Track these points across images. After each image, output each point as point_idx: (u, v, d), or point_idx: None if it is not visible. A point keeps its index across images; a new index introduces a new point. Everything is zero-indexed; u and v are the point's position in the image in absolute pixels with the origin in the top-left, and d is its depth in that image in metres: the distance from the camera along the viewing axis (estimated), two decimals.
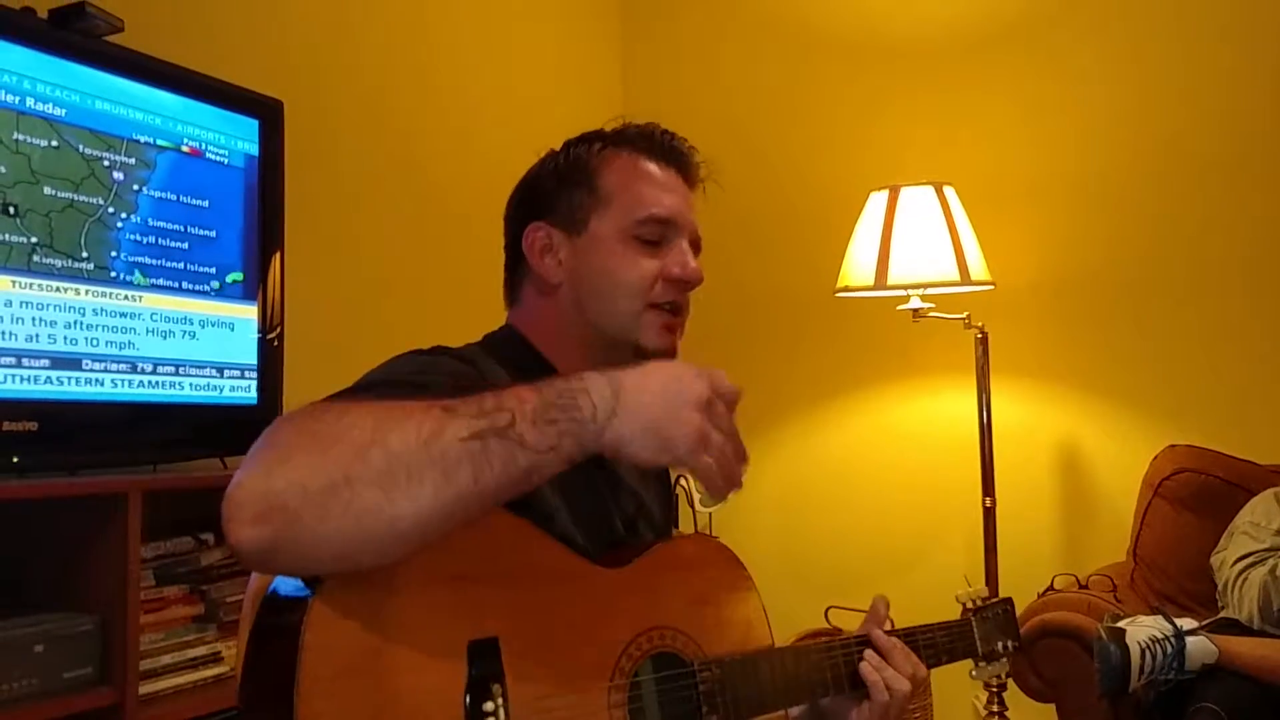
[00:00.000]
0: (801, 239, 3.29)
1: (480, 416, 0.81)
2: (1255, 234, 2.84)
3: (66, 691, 1.65)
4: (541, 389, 0.85)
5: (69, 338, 1.76)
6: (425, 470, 0.78)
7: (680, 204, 1.23)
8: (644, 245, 1.20)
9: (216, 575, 1.96)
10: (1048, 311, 3.05)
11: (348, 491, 0.76)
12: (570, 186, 1.24)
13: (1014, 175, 3.10)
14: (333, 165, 2.60)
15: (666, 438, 0.88)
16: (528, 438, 0.82)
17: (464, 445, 0.79)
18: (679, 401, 0.88)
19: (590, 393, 0.86)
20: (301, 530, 0.76)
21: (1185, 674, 2.03)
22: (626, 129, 1.27)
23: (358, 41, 2.73)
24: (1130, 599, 2.50)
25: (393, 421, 0.79)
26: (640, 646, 1.02)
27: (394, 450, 0.77)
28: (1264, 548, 2.25)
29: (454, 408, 0.81)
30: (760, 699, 1.11)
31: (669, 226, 1.21)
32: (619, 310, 1.19)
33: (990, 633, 1.43)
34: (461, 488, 0.79)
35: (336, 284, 2.59)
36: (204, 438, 2.04)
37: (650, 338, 1.19)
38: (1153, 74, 2.97)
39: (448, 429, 0.79)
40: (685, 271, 1.20)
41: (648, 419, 0.87)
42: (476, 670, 0.86)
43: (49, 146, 1.75)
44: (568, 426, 0.84)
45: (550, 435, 0.83)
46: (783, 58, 3.45)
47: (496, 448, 0.81)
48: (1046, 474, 3.04)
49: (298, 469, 0.76)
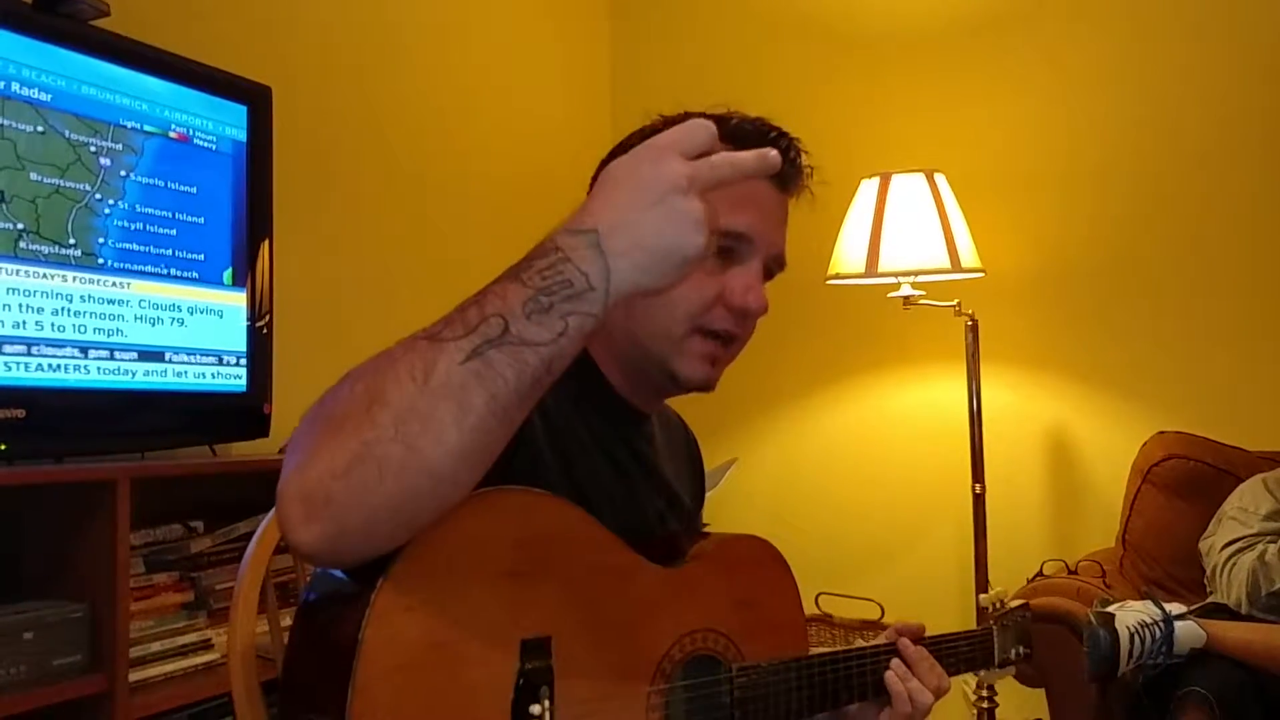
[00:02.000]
0: (792, 226, 3.26)
1: (469, 333, 0.75)
2: (1245, 222, 2.84)
3: (56, 678, 1.65)
4: (522, 275, 0.77)
5: (56, 324, 1.76)
6: (435, 409, 0.73)
7: (764, 220, 1.11)
8: (712, 261, 1.07)
9: (206, 562, 1.96)
10: (1038, 299, 3.05)
11: (372, 460, 0.72)
12: None
13: (1005, 163, 3.10)
14: (321, 152, 2.59)
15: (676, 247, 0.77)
16: (529, 335, 0.75)
17: (464, 369, 0.74)
18: (663, 203, 0.77)
19: (571, 257, 0.77)
20: (350, 514, 0.74)
21: (1174, 658, 2.04)
22: (728, 120, 1.11)
23: (346, 28, 2.72)
24: (1119, 584, 2.51)
25: (383, 373, 0.75)
26: (683, 648, 1.02)
27: (394, 402, 0.73)
28: (1252, 533, 2.26)
29: (437, 334, 0.76)
30: (790, 707, 1.11)
31: (744, 243, 1.09)
32: (662, 330, 1.08)
33: (1007, 641, 1.43)
34: (480, 411, 0.74)
35: (325, 271, 2.58)
36: (193, 425, 2.04)
37: (688, 368, 1.09)
38: (1144, 61, 2.97)
39: (439, 360, 0.74)
40: (745, 299, 1.08)
41: (644, 247, 0.77)
42: (527, 670, 0.86)
43: (35, 132, 1.73)
44: (566, 305, 0.76)
45: (553, 323, 0.76)
46: (773, 46, 3.45)
47: (500, 359, 0.74)
48: (1036, 460, 3.05)
49: (323, 457, 0.73)
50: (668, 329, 1.08)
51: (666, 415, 1.32)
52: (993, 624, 1.41)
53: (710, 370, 1.11)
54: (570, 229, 0.78)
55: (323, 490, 0.73)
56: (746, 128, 1.13)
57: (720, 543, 1.14)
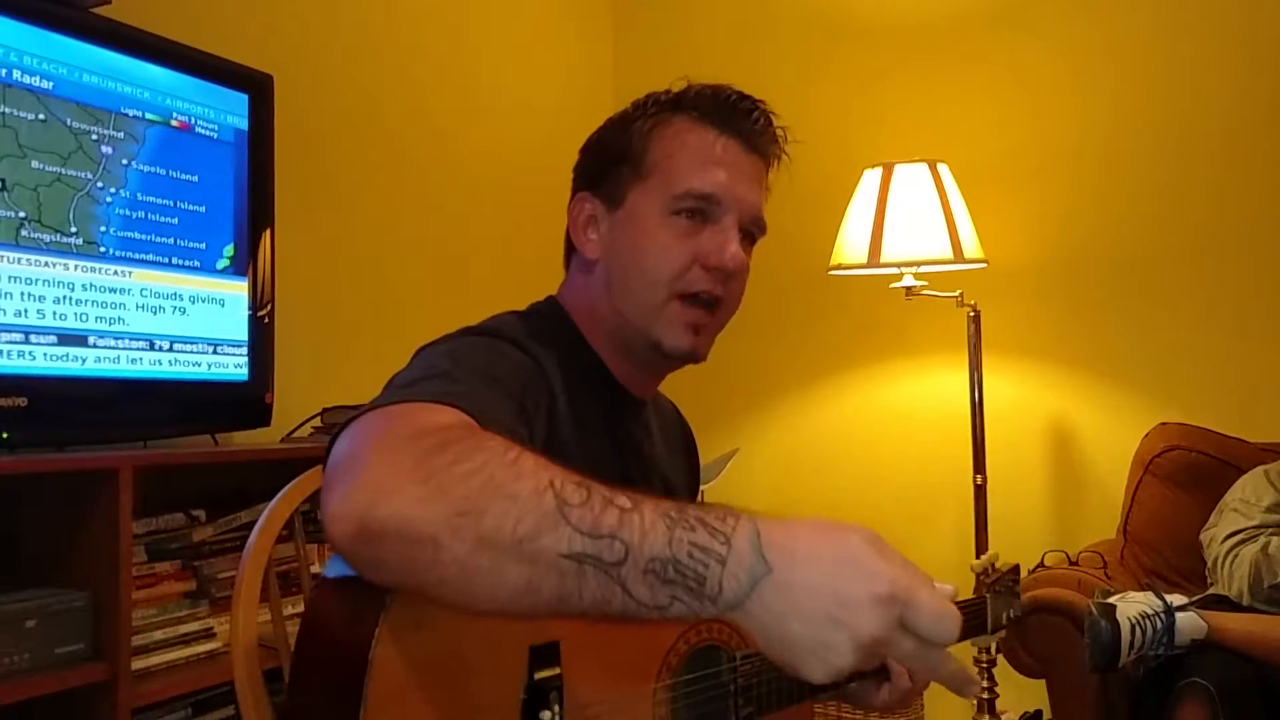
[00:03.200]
0: (794, 216, 3.25)
1: (591, 535, 0.69)
2: (1248, 213, 2.83)
3: (59, 666, 1.65)
4: (675, 530, 0.69)
5: (58, 313, 1.75)
6: (510, 566, 0.69)
7: (732, 179, 1.11)
8: (684, 224, 1.09)
9: (208, 551, 1.96)
10: (1040, 290, 3.05)
11: (432, 553, 0.70)
12: (616, 155, 1.14)
13: (1008, 153, 3.09)
14: (323, 140, 2.58)
15: (794, 659, 0.70)
16: (632, 585, 0.69)
17: (559, 560, 0.69)
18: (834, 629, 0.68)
19: (727, 565, 0.68)
20: (385, 565, 0.73)
21: (1175, 649, 2.04)
22: (686, 91, 1.14)
23: (348, 17, 2.71)
24: (1120, 575, 2.51)
25: (500, 494, 0.70)
26: (687, 640, 1.02)
27: (485, 533, 0.69)
28: (1254, 525, 2.26)
29: (568, 505, 0.70)
30: (792, 689, 1.11)
31: (713, 203, 1.10)
32: (641, 299, 1.09)
33: (1000, 606, 1.43)
34: (541, 600, 0.70)
35: (327, 260, 2.58)
36: (195, 414, 2.04)
37: (670, 336, 1.10)
38: (1150, 51, 2.96)
39: (549, 534, 0.69)
40: (721, 258, 1.08)
41: (781, 630, 0.69)
42: (536, 676, 0.85)
43: (36, 120, 1.73)
44: (681, 594, 0.69)
45: (660, 595, 0.69)
46: (776, 35, 3.44)
47: (594, 581, 0.69)
48: (1038, 451, 3.05)
49: (398, 507, 0.71)
50: (647, 298, 1.09)
51: (662, 405, 1.32)
52: (986, 593, 1.41)
53: (695, 339, 1.11)
54: (756, 541, 0.69)
55: (380, 530, 0.72)
56: (707, 93, 1.14)
57: None
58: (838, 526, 0.71)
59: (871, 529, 0.72)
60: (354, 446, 0.77)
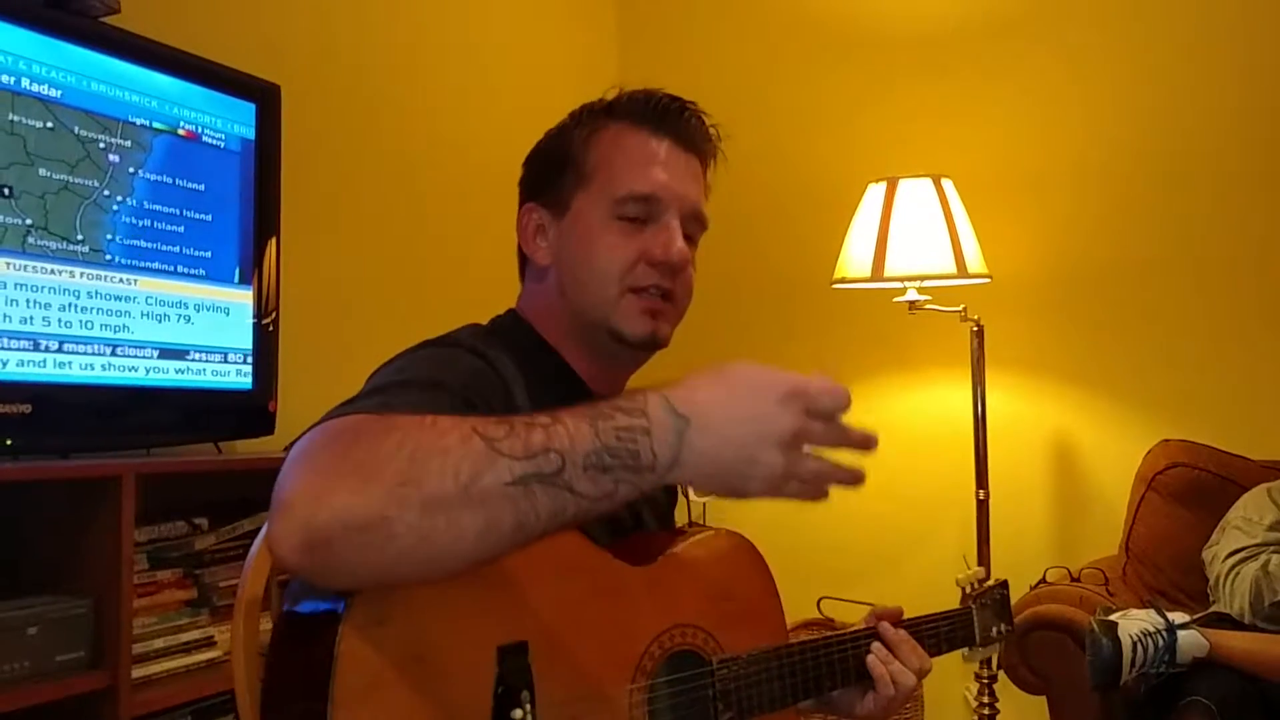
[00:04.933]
0: (798, 230, 3.28)
1: (526, 458, 0.74)
2: (1252, 229, 2.84)
3: (59, 674, 1.65)
4: (596, 422, 0.77)
5: (63, 320, 1.76)
6: (464, 514, 0.73)
7: (670, 178, 1.14)
8: (627, 225, 1.12)
9: (210, 560, 1.96)
10: (1043, 305, 3.05)
11: (386, 532, 0.72)
12: (557, 164, 1.18)
13: (1012, 168, 3.09)
14: (329, 150, 2.59)
15: (737, 484, 0.81)
16: (578, 485, 0.75)
17: (506, 490, 0.74)
18: (757, 442, 0.80)
19: (652, 434, 0.77)
20: (344, 563, 0.74)
21: (1176, 667, 2.04)
22: (619, 98, 1.20)
23: (355, 26, 2.72)
24: (1122, 592, 2.51)
25: (429, 454, 0.74)
26: (662, 645, 1.02)
27: (430, 492, 0.72)
28: (1256, 543, 2.26)
29: (496, 440, 0.75)
30: (773, 695, 1.11)
31: (654, 203, 1.13)
32: (595, 297, 1.12)
33: (988, 619, 1.43)
34: (503, 533, 0.75)
35: (332, 269, 2.58)
36: (198, 422, 2.04)
37: (630, 324, 1.12)
38: (1153, 67, 2.96)
39: (488, 471, 0.73)
40: (666, 253, 1.11)
41: (717, 464, 0.79)
42: (505, 676, 0.85)
43: (44, 128, 1.74)
44: (623, 475, 0.77)
45: (604, 483, 0.76)
46: (781, 49, 3.44)
47: (543, 495, 0.74)
48: (1040, 467, 3.05)
49: (339, 499, 0.73)
50: (601, 294, 1.12)
51: None
52: (972, 604, 1.41)
53: (653, 323, 1.13)
54: (667, 403, 0.79)
55: (328, 532, 0.73)
56: (639, 97, 1.19)
57: (693, 538, 1.15)
58: (720, 366, 0.83)
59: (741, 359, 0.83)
60: (282, 474, 0.77)
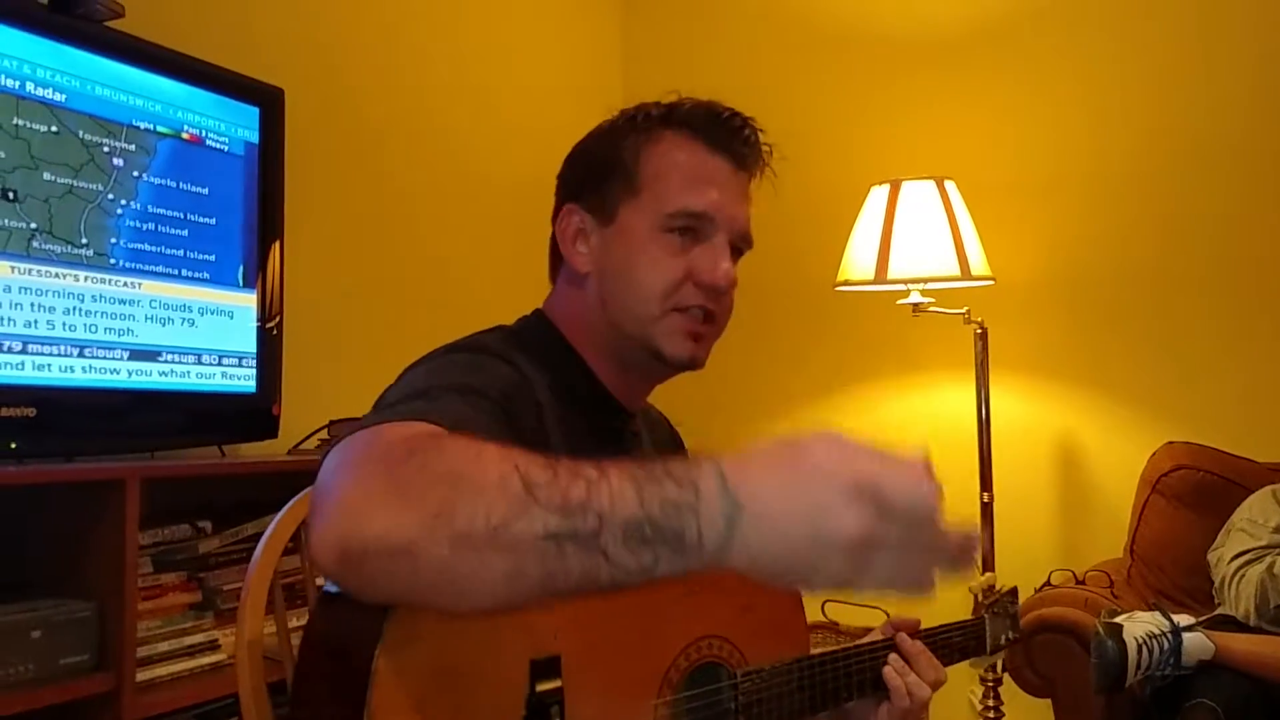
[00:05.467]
0: (802, 232, 3.28)
1: (563, 513, 0.68)
2: (1257, 230, 2.83)
3: (64, 677, 1.65)
4: (644, 488, 0.69)
5: (68, 324, 1.76)
6: (492, 557, 0.69)
7: (724, 198, 1.12)
8: (676, 242, 1.10)
9: (214, 563, 1.96)
10: (1047, 307, 3.05)
11: (414, 561, 0.70)
12: (606, 169, 1.14)
13: (1016, 170, 3.09)
14: (332, 154, 2.59)
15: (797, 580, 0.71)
16: (613, 552, 0.68)
17: (537, 543, 0.68)
18: (813, 544, 0.68)
19: (700, 513, 0.68)
20: (373, 583, 0.73)
21: (1181, 670, 2.03)
22: (679, 106, 1.15)
23: (358, 30, 2.72)
24: (1127, 595, 2.50)
25: (468, 489, 0.70)
26: (689, 657, 1.02)
27: (460, 530, 0.69)
28: (1261, 545, 2.25)
29: (535, 486, 0.69)
30: (793, 707, 1.10)
31: (705, 222, 1.11)
32: (637, 313, 1.10)
33: (999, 627, 1.43)
34: (530, 584, 0.70)
35: (335, 273, 2.58)
36: (202, 425, 2.04)
37: (671, 345, 1.11)
38: (1157, 69, 2.96)
39: (521, 518, 0.68)
40: (714, 276, 1.09)
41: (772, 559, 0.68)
42: (537, 690, 0.85)
43: (49, 132, 1.74)
44: (664, 552, 0.68)
45: (644, 556, 0.68)
46: (784, 51, 3.45)
47: (575, 556, 0.68)
48: (1045, 470, 3.04)
49: (374, 525, 0.71)
50: (643, 311, 1.10)
51: (651, 414, 1.32)
52: (985, 613, 1.41)
53: (694, 346, 1.12)
54: (722, 481, 0.69)
55: (361, 550, 0.72)
56: (699, 111, 1.15)
57: None
58: (793, 441, 0.71)
59: (831, 429, 0.71)
60: (329, 475, 0.77)
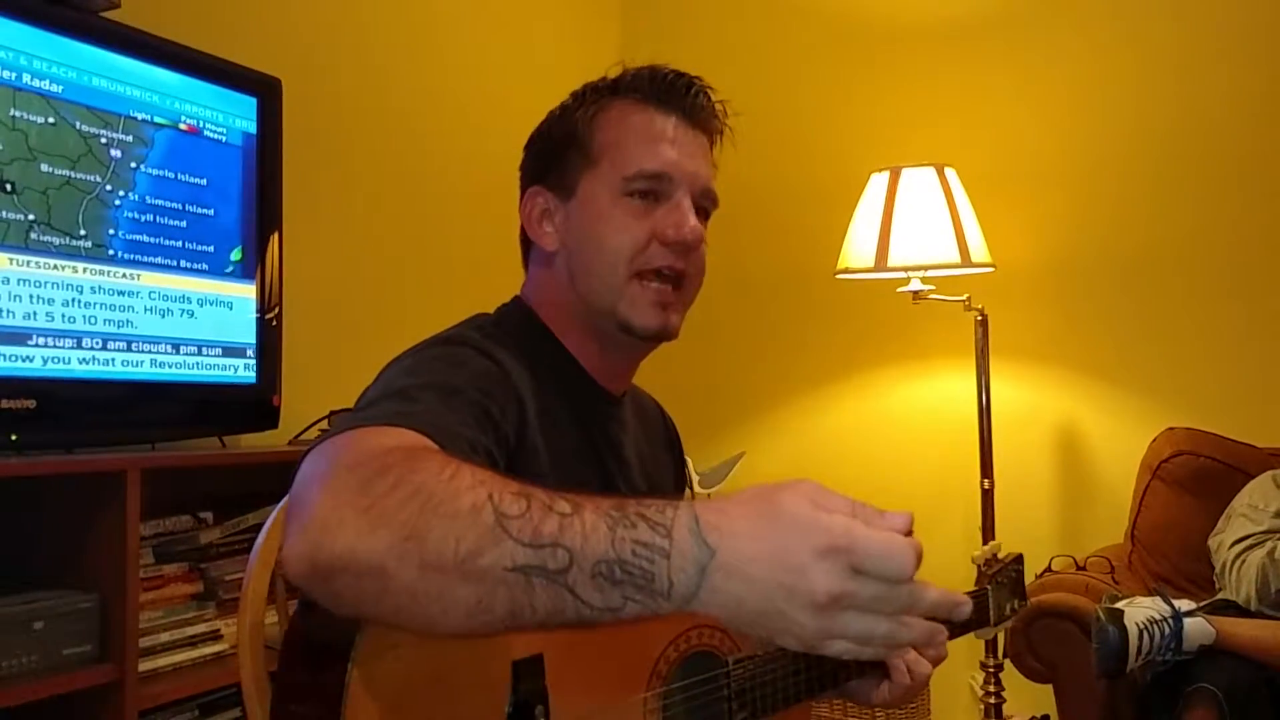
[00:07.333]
0: (802, 220, 3.28)
1: (533, 546, 0.67)
2: (1257, 217, 2.83)
3: (66, 668, 1.66)
4: (616, 528, 0.68)
5: (67, 315, 1.76)
6: (459, 589, 0.68)
7: (680, 155, 1.11)
8: (638, 205, 1.09)
9: (216, 554, 1.96)
10: (1048, 294, 3.04)
11: (381, 582, 0.70)
12: (562, 145, 1.14)
13: (1015, 157, 3.09)
14: (330, 144, 2.59)
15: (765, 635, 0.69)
16: (581, 590, 0.67)
17: (506, 575, 0.68)
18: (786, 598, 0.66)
19: (671, 558, 0.67)
20: (342, 599, 0.73)
21: (1183, 655, 2.03)
22: (623, 76, 1.15)
23: (357, 20, 2.71)
24: (1128, 580, 2.51)
25: (439, 514, 0.69)
26: (678, 647, 1.01)
27: (429, 556, 0.68)
28: (1262, 530, 2.26)
29: (507, 518, 0.68)
30: (789, 691, 1.09)
31: (664, 181, 1.10)
32: (603, 281, 1.09)
33: (1003, 597, 1.41)
34: (495, 616, 0.69)
35: (334, 263, 2.58)
36: (202, 416, 2.04)
37: (639, 316, 1.10)
38: (1155, 56, 2.95)
39: (490, 550, 0.67)
40: (680, 232, 1.08)
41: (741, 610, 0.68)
42: (520, 691, 0.84)
43: (46, 123, 1.74)
44: (633, 594, 0.68)
45: (611, 598, 0.68)
46: (783, 38, 3.44)
47: (543, 592, 0.68)
48: (1045, 456, 3.04)
49: (344, 542, 0.71)
50: (610, 279, 1.09)
51: (641, 401, 1.31)
52: (988, 585, 1.40)
53: (664, 315, 1.11)
54: (695, 527, 0.68)
55: (329, 566, 0.72)
56: (644, 74, 1.15)
57: None
58: (772, 491, 0.70)
59: (813, 481, 0.70)
60: (303, 486, 0.76)
